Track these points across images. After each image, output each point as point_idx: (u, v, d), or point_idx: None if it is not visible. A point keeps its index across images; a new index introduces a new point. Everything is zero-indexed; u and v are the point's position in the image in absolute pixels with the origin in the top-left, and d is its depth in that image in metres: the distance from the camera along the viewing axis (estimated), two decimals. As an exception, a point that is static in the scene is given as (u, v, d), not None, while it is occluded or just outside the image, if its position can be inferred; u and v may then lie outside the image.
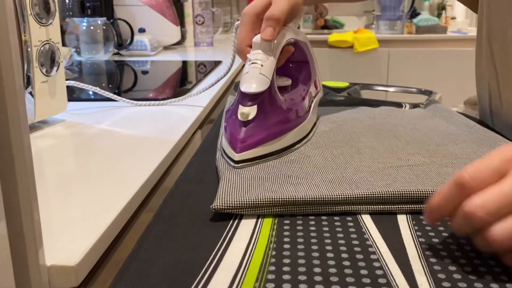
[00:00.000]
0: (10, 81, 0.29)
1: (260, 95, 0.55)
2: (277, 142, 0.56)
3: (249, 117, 0.54)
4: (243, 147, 0.53)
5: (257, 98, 0.55)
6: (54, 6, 0.67)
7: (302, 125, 0.61)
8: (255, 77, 0.56)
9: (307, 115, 0.64)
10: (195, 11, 1.92)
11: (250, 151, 0.54)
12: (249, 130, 0.54)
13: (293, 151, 0.58)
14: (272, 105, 0.57)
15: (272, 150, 0.56)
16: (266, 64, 0.57)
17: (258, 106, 0.55)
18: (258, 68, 0.56)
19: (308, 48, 0.70)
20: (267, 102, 0.56)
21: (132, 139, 0.66)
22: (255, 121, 0.55)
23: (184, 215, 0.43)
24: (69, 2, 1.55)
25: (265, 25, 0.58)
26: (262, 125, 0.55)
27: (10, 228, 0.30)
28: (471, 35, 2.94)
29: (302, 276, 0.34)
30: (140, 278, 0.34)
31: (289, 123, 0.59)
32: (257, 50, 0.58)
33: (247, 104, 0.55)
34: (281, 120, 0.57)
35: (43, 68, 0.67)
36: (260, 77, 0.56)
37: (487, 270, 0.35)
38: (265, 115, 0.55)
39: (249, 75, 0.56)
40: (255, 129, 0.55)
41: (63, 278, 0.35)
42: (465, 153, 0.57)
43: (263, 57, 0.57)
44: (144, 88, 1.12)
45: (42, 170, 0.54)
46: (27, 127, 0.30)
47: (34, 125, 0.71)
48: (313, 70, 0.71)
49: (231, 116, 0.57)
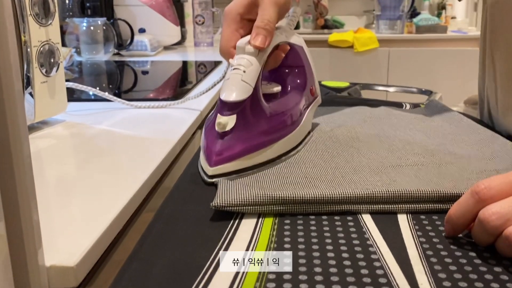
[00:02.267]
0: (9, 82, 0.29)
1: (240, 104, 0.51)
2: (258, 156, 0.52)
3: (226, 127, 0.50)
4: (218, 160, 0.50)
5: (237, 107, 0.51)
6: (54, 6, 0.67)
7: (290, 135, 0.57)
8: (236, 84, 0.52)
9: (297, 125, 0.59)
10: (195, 11, 1.92)
11: (226, 165, 0.50)
12: (226, 142, 0.50)
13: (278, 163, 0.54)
14: (255, 115, 0.52)
15: (251, 164, 0.52)
16: (249, 70, 0.52)
17: (238, 115, 0.51)
18: (240, 75, 0.52)
19: (304, 51, 0.64)
20: (248, 111, 0.52)
21: (131, 139, 0.66)
22: (234, 132, 0.50)
23: (184, 215, 0.43)
24: (69, 2, 1.55)
25: (255, 32, 0.54)
26: (242, 136, 0.51)
27: (9, 228, 0.30)
28: (471, 35, 2.94)
29: (303, 276, 0.34)
30: (140, 278, 0.34)
31: (274, 134, 0.54)
32: (241, 55, 0.53)
33: (226, 114, 0.51)
34: (264, 131, 0.53)
35: (43, 69, 0.67)
36: (242, 85, 0.51)
37: (487, 270, 0.35)
38: (246, 125, 0.51)
39: (230, 81, 0.52)
40: (233, 141, 0.50)
41: (63, 279, 0.35)
42: (465, 153, 0.57)
43: (247, 63, 0.53)
44: (144, 89, 1.12)
45: (42, 171, 0.54)
46: (26, 128, 0.30)
47: (34, 125, 0.70)
48: (309, 76, 0.65)
49: (210, 127, 0.53)
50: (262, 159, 0.53)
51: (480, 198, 0.37)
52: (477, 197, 0.37)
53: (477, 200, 0.37)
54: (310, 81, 0.65)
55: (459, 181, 0.48)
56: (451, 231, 0.40)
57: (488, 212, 0.36)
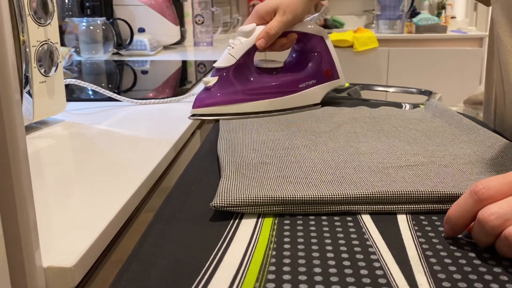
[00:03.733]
0: (5, 82, 0.28)
1: (223, 69, 0.71)
2: (234, 106, 0.71)
3: (209, 83, 0.71)
4: (199, 104, 0.70)
5: (220, 72, 0.71)
6: (53, 6, 0.67)
7: (279, 99, 0.74)
8: (224, 56, 0.72)
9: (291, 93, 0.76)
10: (195, 11, 1.92)
11: (204, 108, 0.70)
12: (207, 93, 0.71)
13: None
14: (236, 78, 0.72)
15: (228, 112, 0.71)
16: (237, 47, 0.72)
17: (221, 77, 0.71)
18: (228, 49, 0.73)
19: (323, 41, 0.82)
20: (230, 75, 0.72)
21: (130, 139, 0.66)
22: (214, 88, 0.71)
23: (184, 215, 0.43)
24: (69, 2, 1.55)
25: (261, 35, 0.74)
26: (220, 92, 0.71)
27: (6, 229, 0.30)
28: (471, 34, 2.93)
29: (302, 276, 0.34)
30: (140, 278, 0.34)
31: (252, 95, 0.73)
32: (238, 36, 0.74)
33: (212, 75, 0.72)
34: (242, 91, 0.72)
35: (42, 68, 0.66)
36: (228, 57, 0.72)
37: (487, 270, 0.35)
38: (226, 85, 0.71)
39: (222, 54, 0.73)
40: (212, 94, 0.71)
41: (60, 280, 0.35)
42: (465, 153, 0.57)
43: (237, 42, 0.73)
44: (143, 88, 1.12)
45: (40, 171, 0.54)
46: (23, 127, 0.30)
47: (32, 125, 0.70)
48: (325, 60, 0.81)
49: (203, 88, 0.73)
50: (238, 110, 0.72)
51: (479, 198, 0.37)
52: (476, 197, 0.37)
53: (475, 200, 0.37)
54: (325, 65, 0.81)
55: (459, 181, 0.48)
56: (450, 232, 0.39)
57: (487, 212, 0.36)
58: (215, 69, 0.72)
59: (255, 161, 0.54)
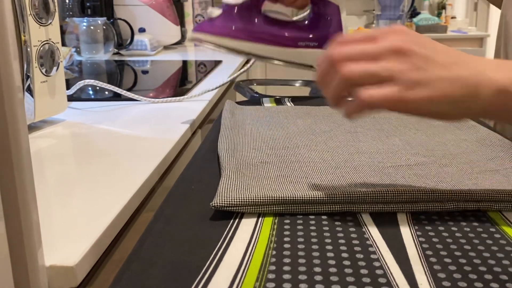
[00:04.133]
0: (9, 82, 0.29)
1: (229, 6, 0.75)
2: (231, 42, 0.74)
3: (212, 14, 0.75)
4: (199, 29, 0.75)
5: (226, 7, 0.75)
6: (54, 6, 0.67)
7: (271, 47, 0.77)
8: None
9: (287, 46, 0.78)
10: (195, 11, 1.92)
11: (203, 34, 0.74)
12: (209, 23, 0.75)
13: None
14: (240, 17, 0.75)
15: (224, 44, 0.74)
16: None
17: (226, 11, 0.75)
18: None
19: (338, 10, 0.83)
20: (236, 12, 0.75)
21: (131, 139, 0.66)
22: (218, 20, 0.75)
23: (184, 215, 0.43)
24: (69, 2, 1.55)
25: None
26: (222, 24, 0.75)
27: (9, 228, 0.30)
28: (472, 34, 2.93)
29: (302, 275, 0.34)
30: (140, 278, 0.34)
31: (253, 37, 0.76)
32: None
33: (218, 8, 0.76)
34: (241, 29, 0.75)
35: (43, 68, 0.67)
36: None
37: (487, 269, 0.35)
38: (229, 19, 0.75)
39: None
40: (214, 23, 0.75)
41: (63, 278, 0.35)
42: (465, 153, 0.57)
43: None
44: (144, 88, 1.12)
45: (42, 170, 0.54)
46: (25, 127, 0.30)
47: (34, 125, 0.70)
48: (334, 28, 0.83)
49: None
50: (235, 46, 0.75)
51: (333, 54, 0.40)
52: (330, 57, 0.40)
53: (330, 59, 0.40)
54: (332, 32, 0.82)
55: (459, 181, 0.48)
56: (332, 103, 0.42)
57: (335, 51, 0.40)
58: (224, 4, 0.75)
59: (256, 161, 0.54)
